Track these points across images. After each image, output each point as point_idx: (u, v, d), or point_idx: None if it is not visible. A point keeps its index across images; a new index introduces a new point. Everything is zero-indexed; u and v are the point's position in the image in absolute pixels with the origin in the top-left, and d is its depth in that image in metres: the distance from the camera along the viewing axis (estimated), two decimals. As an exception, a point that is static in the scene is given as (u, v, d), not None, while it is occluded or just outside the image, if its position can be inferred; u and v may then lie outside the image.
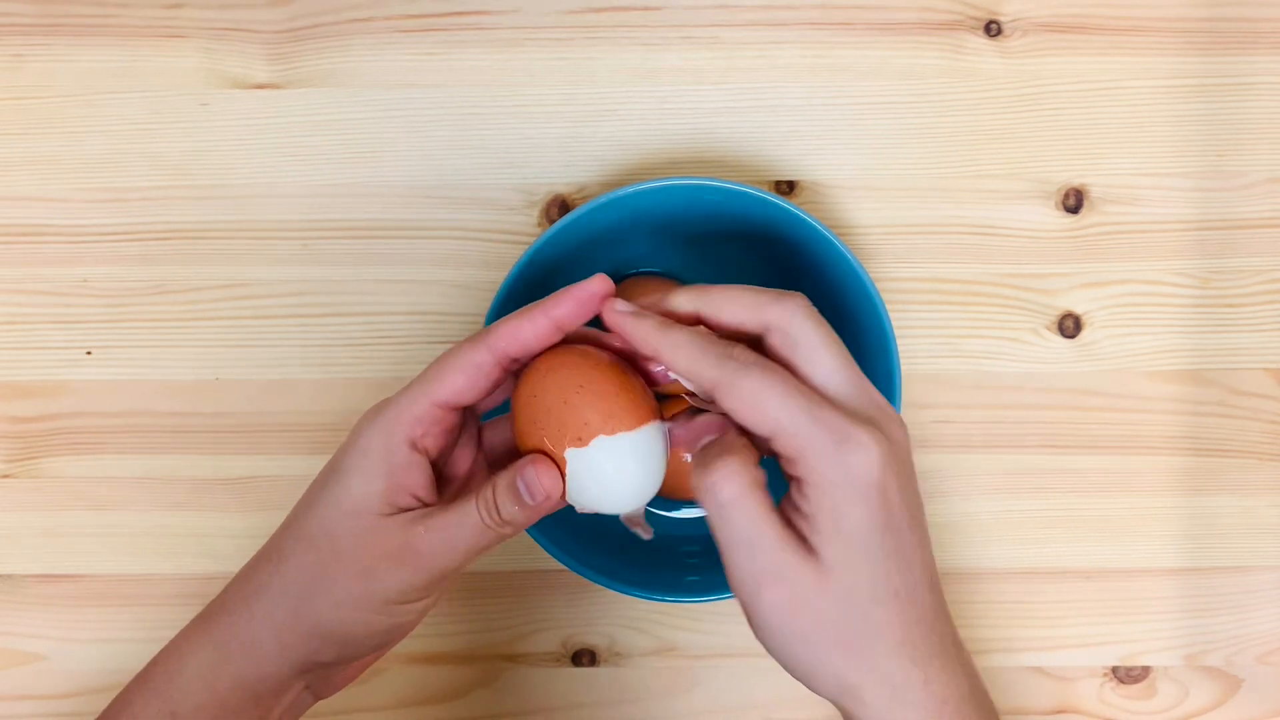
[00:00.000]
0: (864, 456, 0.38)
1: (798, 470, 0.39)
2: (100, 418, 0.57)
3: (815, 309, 0.41)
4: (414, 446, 0.43)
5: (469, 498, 0.42)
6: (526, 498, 0.42)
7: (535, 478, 0.42)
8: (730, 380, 0.39)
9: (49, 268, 0.57)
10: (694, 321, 0.42)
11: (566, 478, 0.42)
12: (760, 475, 0.39)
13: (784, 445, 0.39)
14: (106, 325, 0.57)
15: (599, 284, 0.42)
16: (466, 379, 0.43)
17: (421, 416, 0.43)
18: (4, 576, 0.57)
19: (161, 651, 0.44)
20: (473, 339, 0.43)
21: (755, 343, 0.41)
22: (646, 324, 0.42)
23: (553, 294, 0.43)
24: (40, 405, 0.57)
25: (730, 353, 0.40)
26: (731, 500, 0.39)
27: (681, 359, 0.41)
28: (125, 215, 0.57)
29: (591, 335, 0.44)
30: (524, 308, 0.43)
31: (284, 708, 0.45)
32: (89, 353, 0.57)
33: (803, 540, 0.39)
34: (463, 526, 0.42)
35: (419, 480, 0.43)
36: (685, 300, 0.42)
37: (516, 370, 0.44)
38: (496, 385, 0.44)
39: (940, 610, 0.40)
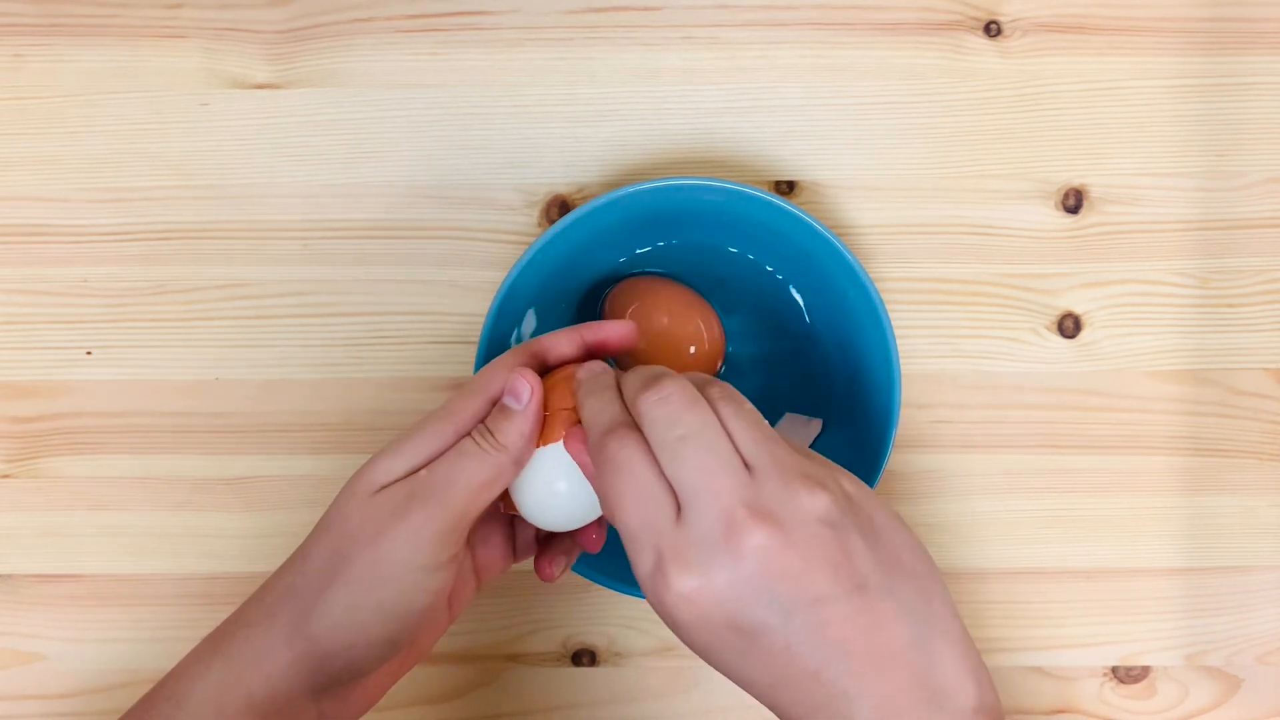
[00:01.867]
0: (667, 597, 0.38)
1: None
2: (100, 418, 0.57)
3: (675, 399, 0.40)
4: (461, 437, 0.44)
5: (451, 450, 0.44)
6: (513, 403, 0.44)
7: (518, 387, 0.44)
8: (597, 462, 0.41)
9: (49, 268, 0.57)
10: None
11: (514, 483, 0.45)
12: None
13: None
14: (106, 325, 0.57)
15: (626, 328, 0.48)
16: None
17: (479, 412, 0.44)
18: (4, 576, 0.57)
19: (169, 674, 0.44)
20: (516, 349, 0.46)
21: None
22: (582, 388, 0.44)
23: (588, 323, 0.48)
24: (40, 405, 0.57)
25: (601, 440, 0.41)
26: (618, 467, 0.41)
27: (586, 420, 0.43)
28: (125, 215, 0.57)
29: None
30: (561, 330, 0.48)
31: None
32: (89, 353, 0.57)
33: None
34: (461, 455, 0.43)
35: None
36: (592, 381, 0.44)
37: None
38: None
39: (869, 690, 0.37)
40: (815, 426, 0.52)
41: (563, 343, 0.47)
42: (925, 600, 0.39)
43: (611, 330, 0.48)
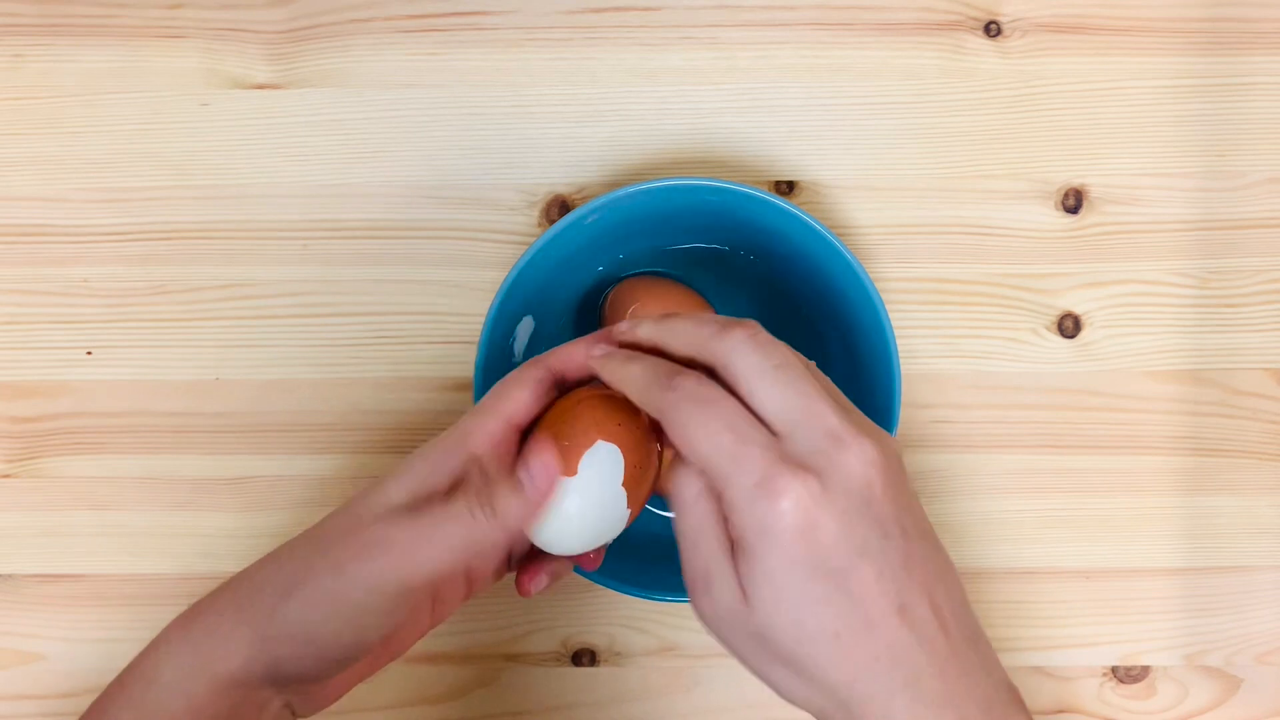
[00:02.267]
0: (781, 503, 0.37)
1: (725, 505, 0.38)
2: (100, 418, 0.57)
3: (762, 334, 0.40)
4: (475, 461, 0.42)
5: (457, 493, 0.42)
6: (528, 482, 0.42)
7: (541, 464, 0.42)
8: (667, 413, 0.39)
9: (49, 268, 0.57)
10: (657, 352, 0.42)
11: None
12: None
13: (714, 482, 0.38)
14: (106, 325, 0.57)
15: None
16: (531, 394, 0.43)
17: (494, 432, 0.43)
18: (4, 576, 0.57)
19: (142, 653, 0.43)
20: (526, 364, 0.44)
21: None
22: (613, 361, 0.42)
23: (603, 332, 0.44)
24: (40, 405, 0.57)
25: (672, 383, 0.39)
26: (686, 502, 0.40)
27: (634, 391, 0.41)
28: (126, 215, 0.57)
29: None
30: (577, 341, 0.44)
31: None
32: (89, 353, 0.57)
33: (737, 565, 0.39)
34: (447, 519, 0.41)
35: None
36: (645, 332, 0.43)
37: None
38: (548, 400, 0.44)
39: (930, 634, 0.38)
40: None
41: (579, 358, 0.44)
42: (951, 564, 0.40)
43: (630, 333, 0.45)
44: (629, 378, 0.41)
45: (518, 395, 0.43)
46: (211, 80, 0.57)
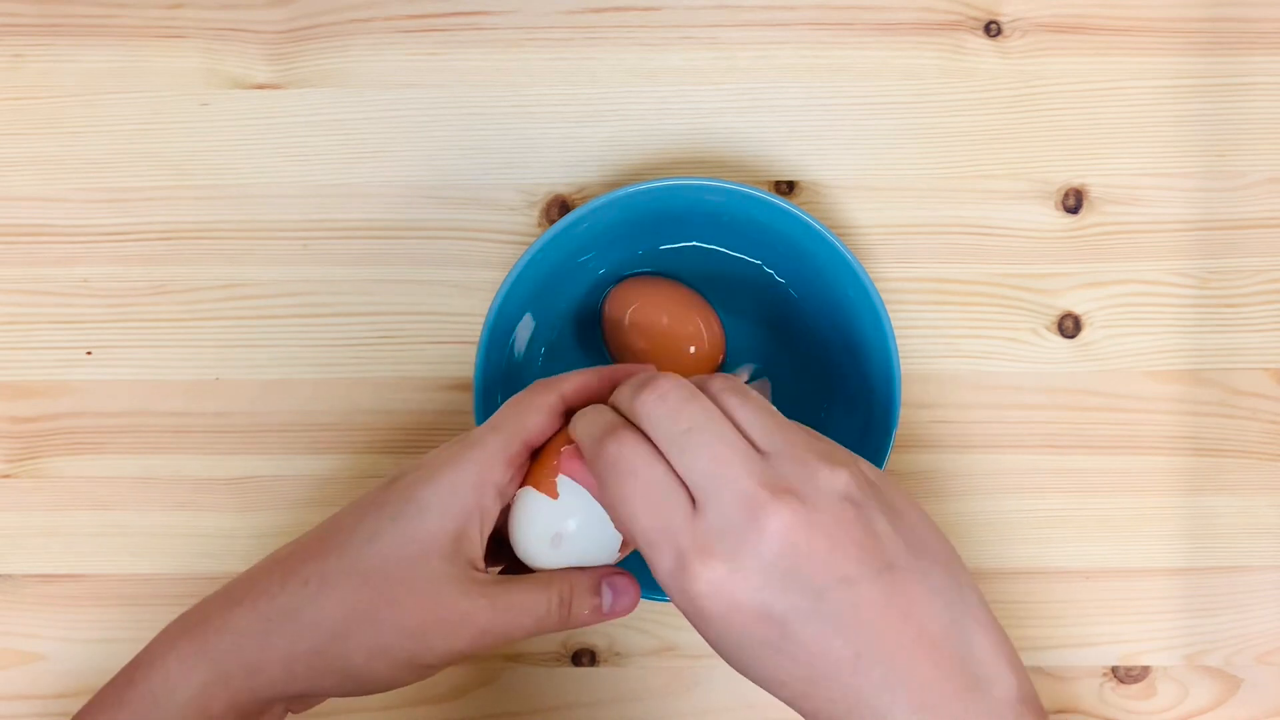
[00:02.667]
0: (697, 585, 0.37)
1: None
2: (100, 418, 0.57)
3: (672, 394, 0.39)
4: (500, 494, 0.42)
5: (538, 583, 0.42)
6: (606, 605, 0.43)
7: (625, 590, 0.43)
8: (597, 473, 0.40)
9: (49, 268, 0.57)
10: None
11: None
12: None
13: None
14: (106, 325, 0.57)
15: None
16: (546, 419, 0.43)
17: (514, 458, 0.43)
18: (4, 576, 0.57)
19: (139, 664, 0.43)
20: (538, 388, 0.44)
21: None
22: (580, 413, 0.42)
23: (617, 367, 0.45)
24: (40, 405, 0.57)
25: (601, 444, 0.39)
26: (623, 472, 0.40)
27: (583, 446, 0.41)
28: (125, 215, 0.57)
29: None
30: (591, 369, 0.45)
31: None
32: (89, 353, 0.57)
33: None
34: (529, 613, 0.42)
35: (488, 531, 0.42)
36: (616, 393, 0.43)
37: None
38: (559, 428, 0.44)
39: (893, 676, 0.36)
40: (765, 387, 0.53)
41: (590, 390, 0.44)
42: (955, 584, 0.38)
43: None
44: (576, 430, 0.42)
45: (534, 419, 0.43)
46: (211, 80, 0.57)
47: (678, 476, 0.38)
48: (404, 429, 0.57)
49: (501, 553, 0.45)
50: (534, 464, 0.44)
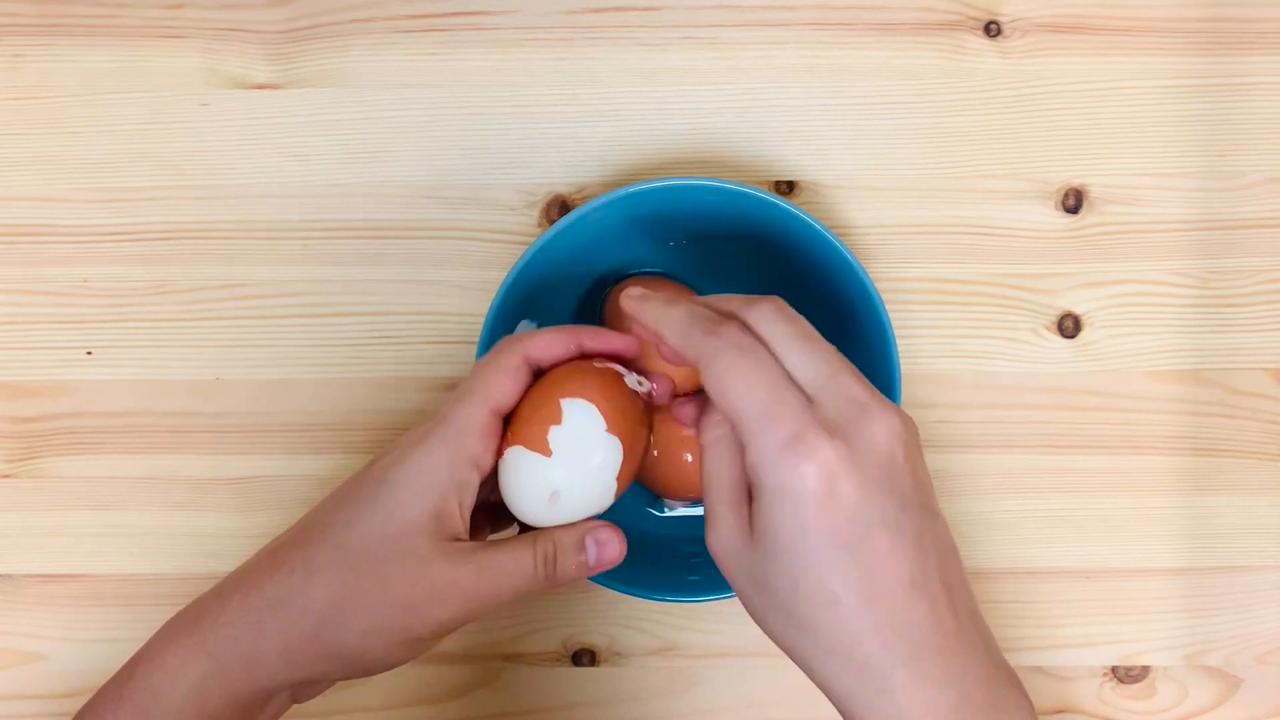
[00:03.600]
0: (806, 466, 0.37)
1: (748, 458, 0.38)
2: (100, 418, 0.57)
3: (787, 309, 0.41)
4: (475, 464, 0.42)
5: (522, 543, 0.42)
6: (592, 559, 0.43)
7: (609, 540, 0.43)
8: (706, 358, 0.39)
9: (49, 268, 0.57)
10: None
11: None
12: None
13: (740, 433, 0.39)
14: (106, 325, 0.57)
15: (629, 342, 0.45)
16: (512, 382, 0.44)
17: (484, 427, 0.43)
18: (4, 576, 0.57)
19: (140, 660, 0.43)
20: (503, 348, 0.44)
21: None
22: (651, 302, 0.43)
23: (585, 327, 0.45)
24: (40, 405, 0.57)
25: (717, 329, 0.40)
26: (710, 443, 0.41)
27: (673, 332, 0.41)
28: (126, 215, 0.57)
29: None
30: (558, 327, 0.45)
31: (268, 716, 0.44)
32: (89, 353, 0.57)
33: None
34: (515, 574, 0.42)
35: (468, 500, 0.42)
36: (670, 304, 0.43)
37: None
38: (526, 389, 0.44)
39: (938, 609, 0.38)
40: None
41: (557, 348, 0.45)
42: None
43: (616, 344, 0.45)
44: (669, 318, 0.41)
45: (499, 383, 0.43)
46: (211, 80, 0.57)
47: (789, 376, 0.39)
48: (404, 429, 0.57)
49: (500, 517, 0.46)
50: (519, 421, 0.43)
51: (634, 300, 0.43)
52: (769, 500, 0.38)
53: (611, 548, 0.43)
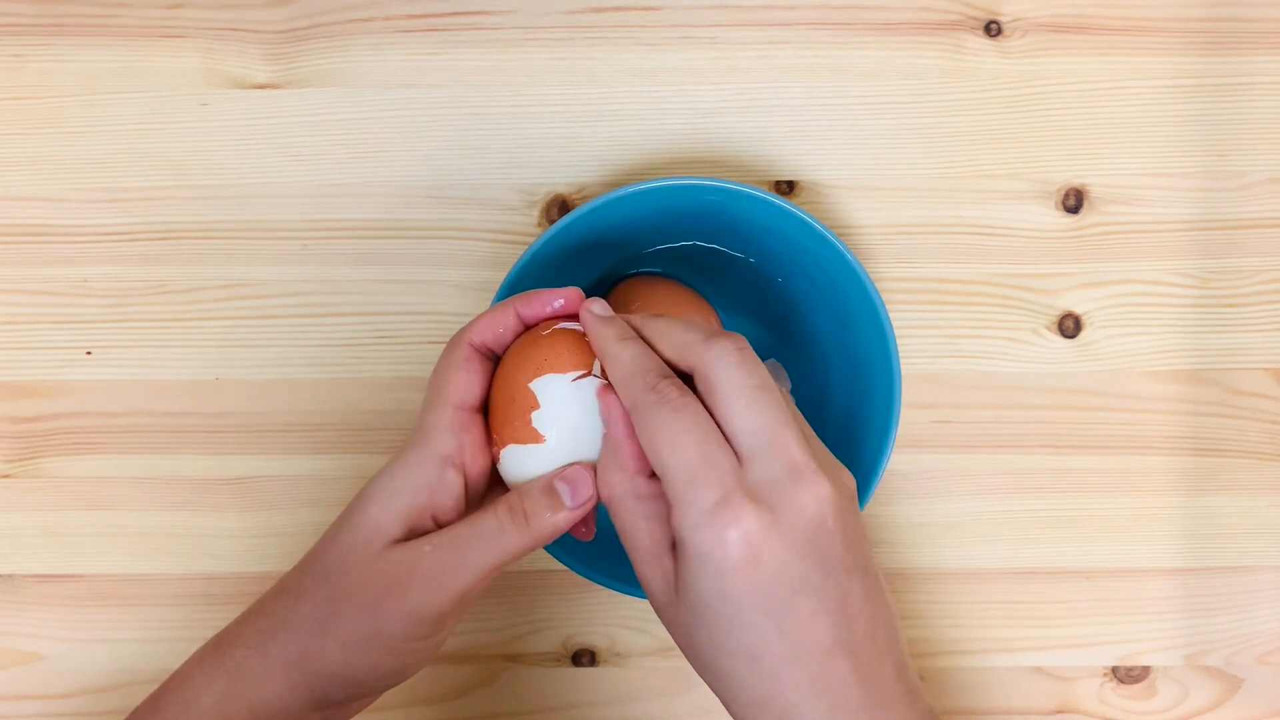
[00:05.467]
0: (730, 533, 0.37)
1: (673, 519, 0.39)
2: (100, 418, 0.57)
3: (748, 351, 0.40)
4: (448, 462, 0.42)
5: (482, 509, 0.42)
6: (567, 500, 0.42)
7: (579, 477, 0.42)
8: (641, 412, 0.40)
9: (49, 268, 0.57)
10: None
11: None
12: (653, 487, 0.40)
13: (668, 492, 0.39)
14: (106, 325, 0.57)
15: (566, 297, 0.44)
16: (465, 375, 0.44)
17: (450, 424, 0.43)
18: (4, 576, 0.57)
19: (172, 678, 0.44)
20: (449, 345, 0.44)
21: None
22: (608, 332, 0.42)
23: (519, 295, 0.45)
24: (40, 405, 0.57)
25: (655, 384, 0.40)
26: (633, 502, 0.40)
27: (615, 374, 0.41)
28: (125, 215, 0.57)
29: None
30: (491, 308, 0.45)
31: None
32: (89, 353, 0.57)
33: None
34: (478, 539, 0.41)
35: (444, 501, 0.42)
36: (637, 322, 0.43)
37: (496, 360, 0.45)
38: (487, 376, 0.44)
39: (860, 667, 0.38)
40: (785, 377, 0.54)
41: (498, 327, 0.44)
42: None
43: (553, 306, 0.44)
44: (616, 360, 0.41)
45: (455, 377, 0.43)
46: (211, 80, 0.57)
47: (723, 433, 0.39)
48: (403, 429, 0.57)
49: None
50: (500, 421, 0.43)
51: (592, 319, 0.43)
52: (693, 563, 0.38)
53: (583, 484, 0.42)
